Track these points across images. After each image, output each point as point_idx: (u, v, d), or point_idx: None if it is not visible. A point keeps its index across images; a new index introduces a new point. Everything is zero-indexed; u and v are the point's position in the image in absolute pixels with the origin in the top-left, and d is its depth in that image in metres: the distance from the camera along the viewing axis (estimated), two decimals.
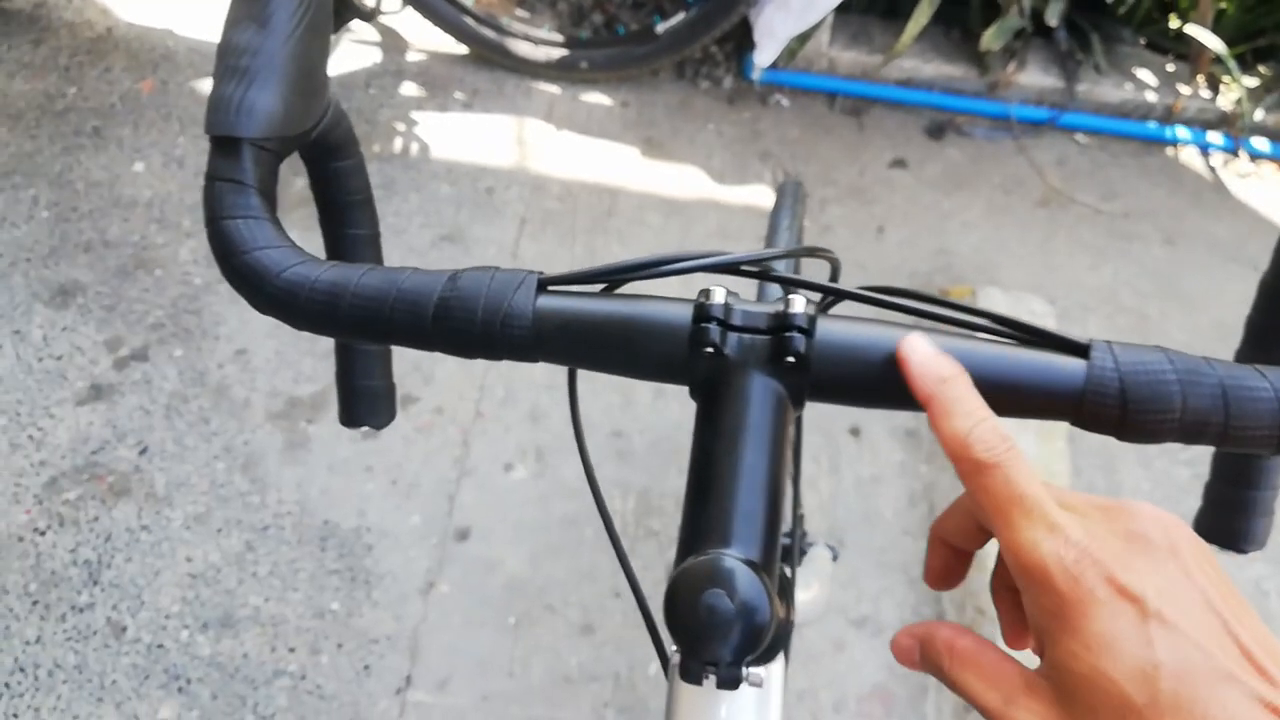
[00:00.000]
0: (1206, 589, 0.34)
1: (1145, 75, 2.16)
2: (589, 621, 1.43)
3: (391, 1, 2.06)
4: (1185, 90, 2.15)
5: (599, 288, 0.44)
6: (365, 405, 0.63)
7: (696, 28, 1.96)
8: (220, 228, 0.44)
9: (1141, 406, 0.38)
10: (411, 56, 2.13)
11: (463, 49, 2.10)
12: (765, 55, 1.94)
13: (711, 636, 0.36)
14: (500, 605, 1.44)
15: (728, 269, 0.43)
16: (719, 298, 0.41)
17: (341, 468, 1.55)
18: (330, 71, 0.50)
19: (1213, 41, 2.04)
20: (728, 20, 1.93)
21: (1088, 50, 2.14)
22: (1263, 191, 2.14)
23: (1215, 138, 2.17)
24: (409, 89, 2.07)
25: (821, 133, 2.09)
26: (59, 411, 1.58)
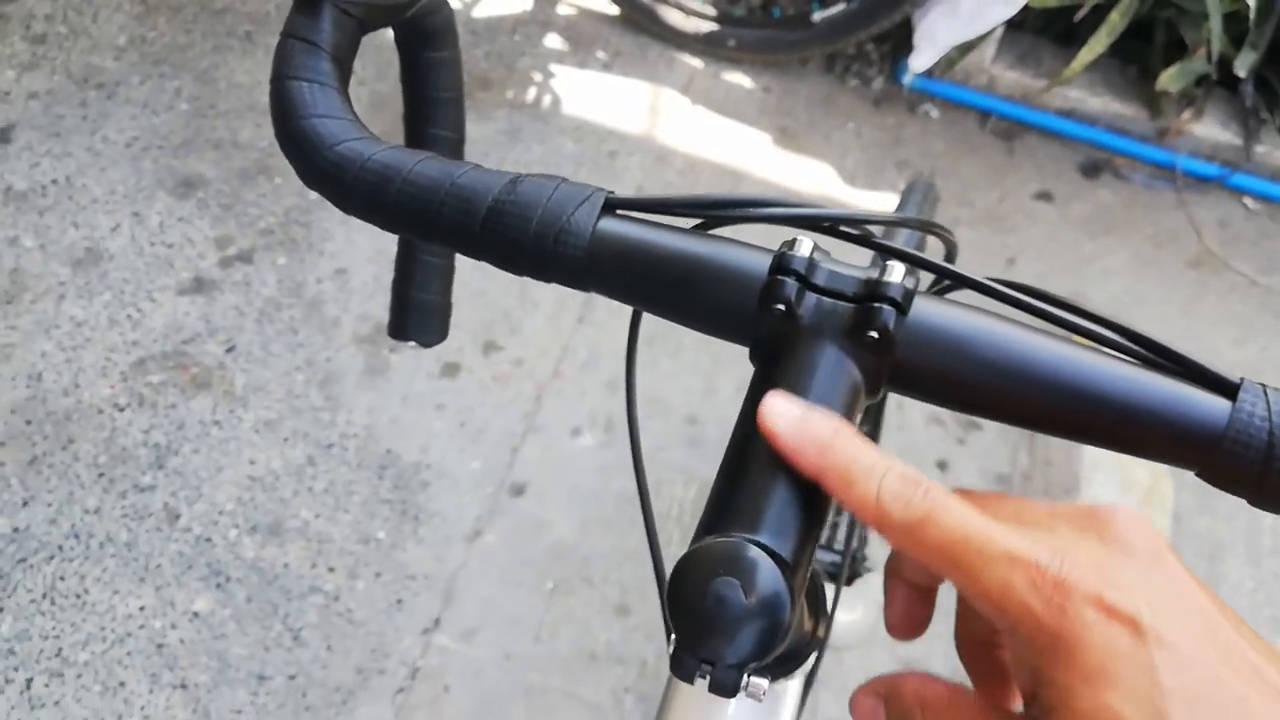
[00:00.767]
0: (1201, 599, 0.29)
1: None
2: (626, 602, 1.39)
3: None
4: None
5: (674, 221, 0.39)
6: (417, 319, 0.59)
7: (855, 21, 1.88)
8: (283, 86, 0.41)
9: None
10: (561, 9, 2.11)
11: (614, 9, 2.06)
12: (922, 60, 1.85)
13: (714, 630, 0.30)
14: (541, 567, 1.41)
15: (824, 226, 0.38)
16: (804, 250, 0.36)
17: (414, 401, 1.54)
18: (478, 13, 0.47)
19: None
20: (889, 18, 1.84)
21: (1275, 110, 1.97)
22: None
23: None
24: (553, 41, 2.05)
25: (967, 151, 1.98)
26: (160, 297, 1.62)
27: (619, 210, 0.38)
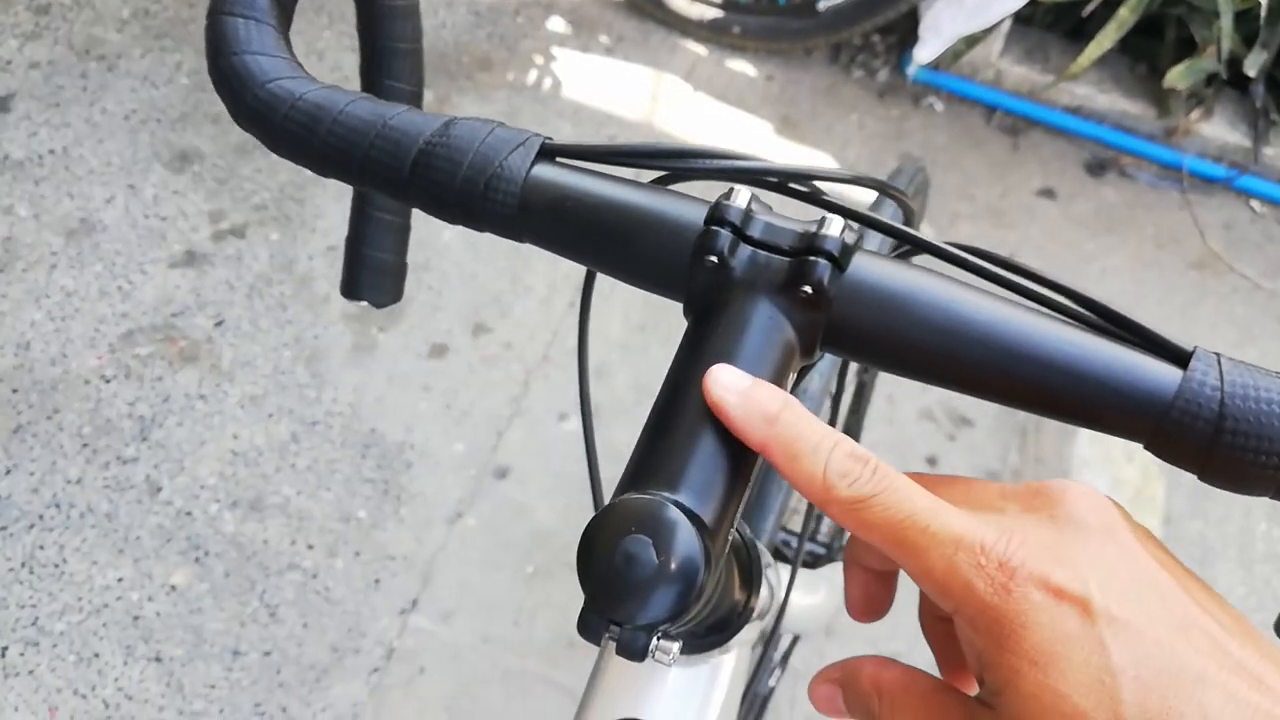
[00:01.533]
0: (1157, 574, 0.28)
1: None
2: None
3: None
4: None
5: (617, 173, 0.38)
6: (370, 278, 0.58)
7: (860, 10, 1.86)
8: (217, 21, 0.40)
9: (1240, 440, 0.30)
10: None
11: None
12: (927, 52, 1.83)
13: (621, 590, 0.28)
14: (522, 551, 1.40)
15: (771, 182, 0.36)
16: (740, 200, 0.34)
17: (400, 381, 1.54)
18: None
19: None
20: (894, 8, 1.82)
21: None
22: None
23: None
24: (555, 24, 2.03)
25: (971, 145, 1.96)
26: (151, 269, 1.61)
27: (558, 158, 0.37)
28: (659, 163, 0.36)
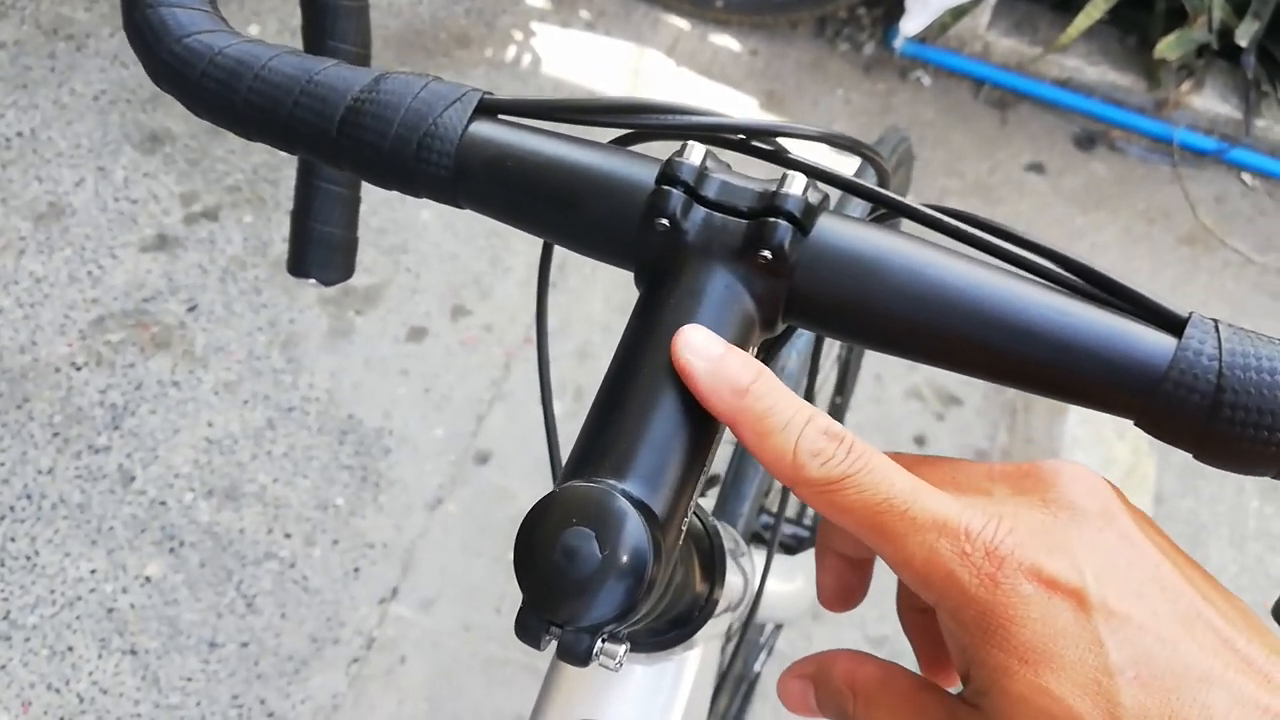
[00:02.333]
0: (1159, 563, 0.25)
1: None
2: None
3: None
4: None
5: (558, 128, 0.35)
6: (317, 254, 0.55)
7: None
8: None
9: (1240, 415, 0.27)
10: None
11: None
12: (913, 24, 1.79)
13: (560, 588, 0.26)
14: (503, 538, 1.38)
15: (733, 139, 0.33)
16: (694, 157, 0.31)
17: (378, 365, 1.50)
18: None
19: None
20: None
21: (1277, 82, 1.92)
22: None
23: None
24: None
25: (958, 120, 1.93)
26: (122, 254, 1.58)
27: (499, 115, 0.34)
28: (608, 118, 0.33)
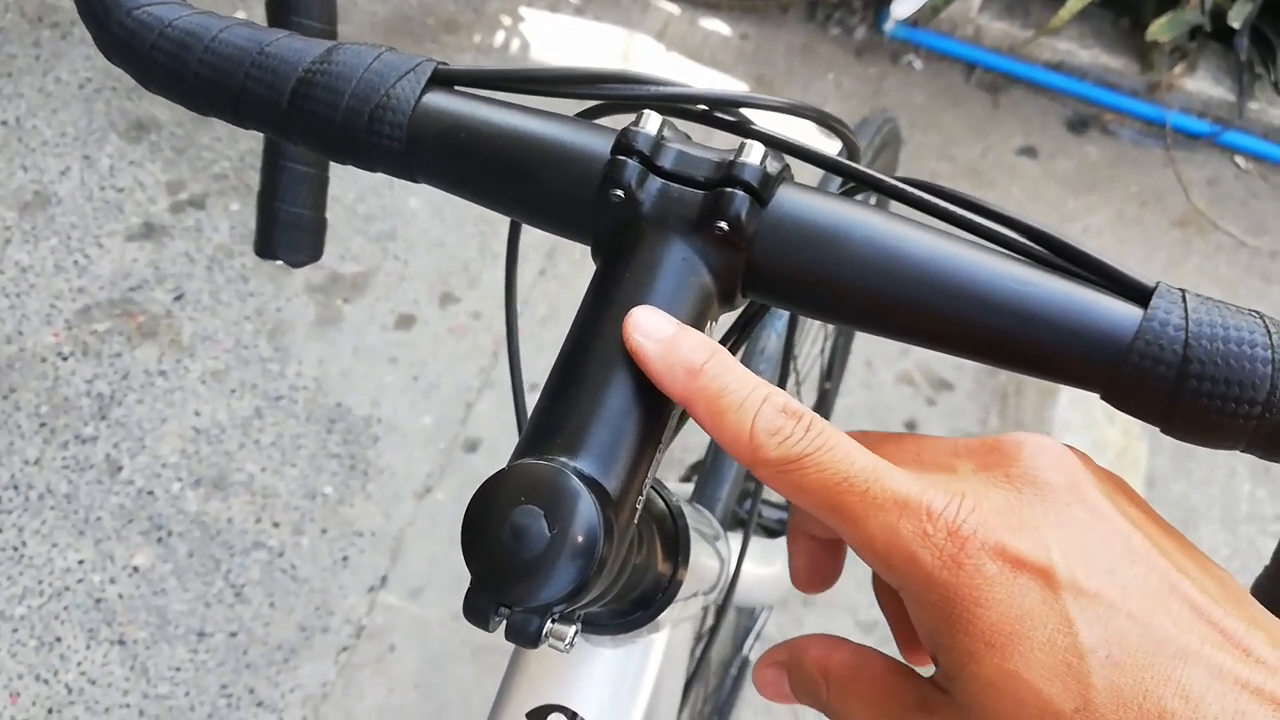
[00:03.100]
0: (1130, 536, 0.24)
1: None
2: None
3: None
4: None
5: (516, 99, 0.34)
6: (285, 236, 0.54)
7: None
8: None
9: (1206, 386, 0.26)
10: None
11: None
12: (904, 7, 1.78)
13: (507, 567, 0.25)
14: None
15: (694, 110, 0.33)
16: (650, 127, 0.30)
17: (366, 353, 1.50)
18: None
19: None
20: None
21: (1270, 65, 1.91)
22: None
23: None
24: None
25: (950, 104, 1.92)
26: (108, 243, 1.57)
27: (455, 86, 0.34)
28: (566, 88, 0.33)
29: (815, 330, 1.05)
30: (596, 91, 0.32)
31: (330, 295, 1.54)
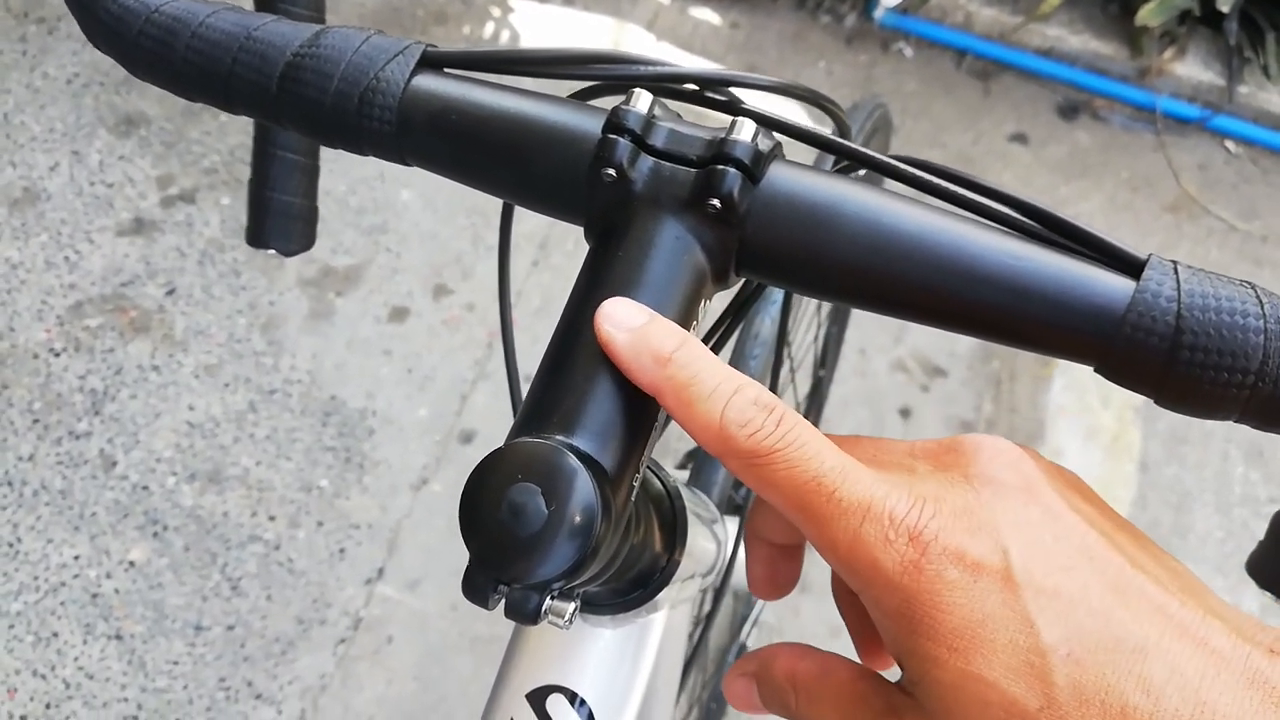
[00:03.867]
0: (1085, 534, 0.25)
1: None
2: None
3: None
4: None
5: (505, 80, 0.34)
6: (276, 224, 0.54)
7: None
8: None
9: (1199, 356, 0.27)
10: None
11: None
12: None
13: (506, 545, 0.25)
14: None
15: (684, 89, 0.33)
16: (641, 105, 0.30)
17: (360, 346, 1.50)
18: None
19: None
20: None
21: (1259, 49, 1.91)
22: None
23: None
24: None
25: (941, 91, 1.92)
26: (99, 238, 1.56)
27: (444, 69, 0.34)
28: (555, 69, 0.33)
29: (809, 317, 1.05)
30: (587, 72, 0.32)
31: (323, 288, 1.54)
